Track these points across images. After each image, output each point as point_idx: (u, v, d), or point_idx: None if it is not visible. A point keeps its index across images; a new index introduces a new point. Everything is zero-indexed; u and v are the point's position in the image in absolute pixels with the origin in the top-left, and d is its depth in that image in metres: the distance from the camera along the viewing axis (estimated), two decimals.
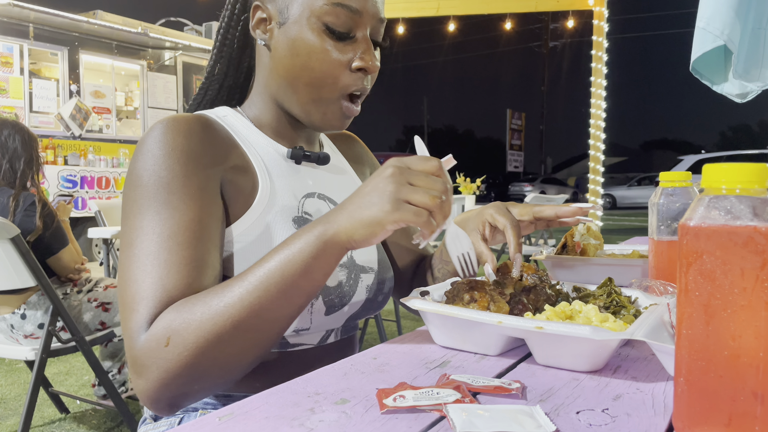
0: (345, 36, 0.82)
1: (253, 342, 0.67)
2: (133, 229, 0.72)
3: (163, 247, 0.70)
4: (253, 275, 0.67)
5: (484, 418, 0.49)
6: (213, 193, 0.77)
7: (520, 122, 28.76)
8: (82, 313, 2.28)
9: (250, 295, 0.65)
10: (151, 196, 0.72)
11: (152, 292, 0.67)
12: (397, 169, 0.65)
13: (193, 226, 0.72)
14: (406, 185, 0.64)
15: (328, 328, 0.86)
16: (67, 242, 2.29)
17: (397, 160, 0.66)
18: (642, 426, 0.50)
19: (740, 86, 1.63)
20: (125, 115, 7.73)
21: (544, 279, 0.81)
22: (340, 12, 0.80)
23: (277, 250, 0.68)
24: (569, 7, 7.64)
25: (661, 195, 0.98)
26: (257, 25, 0.86)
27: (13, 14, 6.21)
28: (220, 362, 0.66)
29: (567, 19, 10.35)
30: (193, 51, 8.07)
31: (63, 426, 2.42)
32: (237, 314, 0.65)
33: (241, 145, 0.85)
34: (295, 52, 0.82)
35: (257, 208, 0.81)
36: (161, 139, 0.75)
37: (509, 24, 10.24)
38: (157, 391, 0.65)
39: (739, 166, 0.43)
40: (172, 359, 0.64)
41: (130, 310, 0.68)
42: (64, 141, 6.66)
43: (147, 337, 0.66)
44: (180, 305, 0.66)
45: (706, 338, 0.43)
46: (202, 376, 0.66)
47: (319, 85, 0.83)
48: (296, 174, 0.89)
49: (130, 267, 0.70)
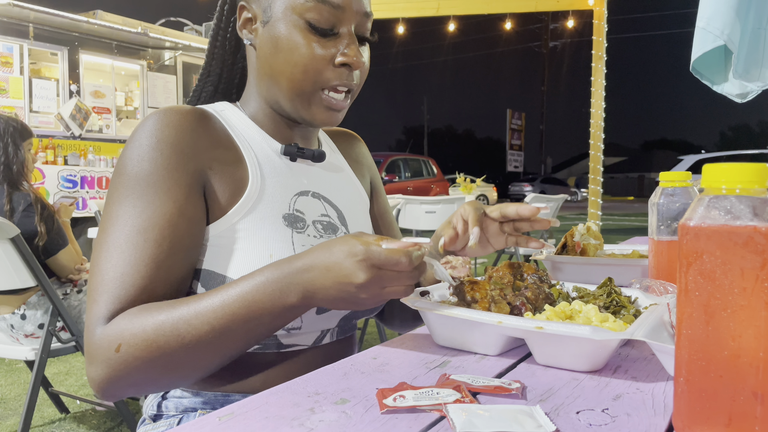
0: (327, 32, 0.82)
1: (201, 363, 0.71)
2: (109, 216, 0.75)
3: (131, 242, 0.72)
4: (212, 301, 0.70)
5: (484, 418, 0.49)
6: (193, 191, 0.78)
7: (520, 122, 28.77)
8: (82, 313, 2.28)
9: (208, 320, 0.69)
10: (131, 186, 0.75)
11: (113, 287, 0.71)
12: (370, 280, 0.65)
13: (163, 224, 0.74)
14: (380, 293, 0.67)
15: (322, 328, 0.86)
16: (66, 243, 2.29)
17: (368, 259, 0.65)
18: (642, 426, 0.50)
19: (740, 86, 1.63)
20: (125, 115, 7.72)
21: (544, 279, 0.81)
22: (321, 8, 0.80)
23: (242, 289, 0.70)
24: (569, 7, 7.64)
25: (661, 195, 0.98)
26: (243, 25, 0.87)
27: (13, 14, 6.20)
28: (168, 375, 0.71)
29: (567, 19, 10.35)
30: (193, 51, 8.06)
31: (63, 426, 2.42)
32: (188, 339, 0.69)
33: (236, 139, 0.85)
34: (278, 49, 0.82)
35: (246, 203, 0.81)
36: (150, 129, 0.77)
37: (509, 24, 10.24)
38: (105, 383, 0.70)
39: (739, 166, 0.43)
40: (120, 363, 0.69)
41: (92, 300, 0.72)
42: (64, 141, 6.66)
43: (101, 334, 0.70)
44: (134, 315, 0.70)
45: (706, 338, 0.43)
46: (149, 381, 0.71)
47: (301, 79, 0.82)
48: (289, 171, 0.88)
49: (100, 255, 0.73)
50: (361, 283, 0.65)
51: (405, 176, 14.16)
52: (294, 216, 0.84)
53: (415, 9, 7.78)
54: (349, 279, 0.65)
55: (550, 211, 5.14)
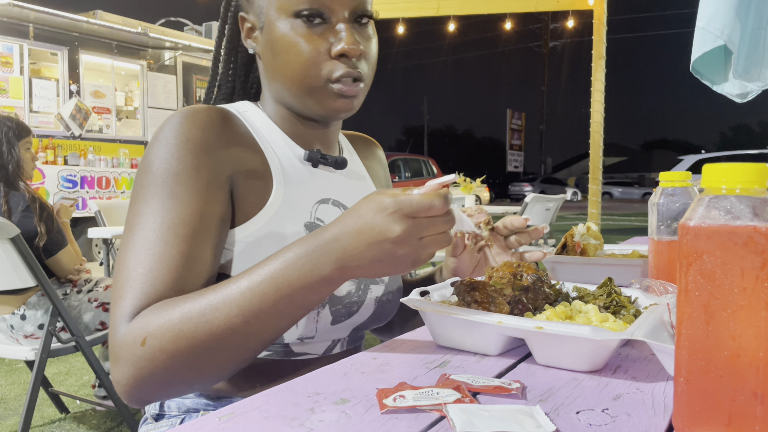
0: (317, 21, 0.79)
1: (230, 355, 0.67)
2: (136, 214, 0.72)
3: (160, 238, 0.70)
4: (239, 284, 0.65)
5: (484, 418, 0.49)
6: (221, 190, 0.76)
7: (520, 122, 28.76)
8: (82, 313, 2.28)
9: (237, 304, 0.65)
10: (158, 184, 0.73)
11: (140, 284, 0.68)
12: (405, 231, 0.61)
13: (193, 221, 0.72)
14: (417, 245, 0.62)
15: (334, 338, 0.85)
16: (66, 243, 2.29)
17: (400, 209, 0.61)
18: (642, 426, 0.50)
19: (740, 86, 1.63)
20: (125, 115, 7.73)
21: (544, 279, 0.81)
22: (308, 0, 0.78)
23: (271, 268, 0.66)
24: (569, 7, 7.63)
25: (661, 195, 0.98)
26: (247, 35, 0.87)
27: (13, 14, 6.20)
28: (196, 369, 0.66)
29: (567, 19, 10.34)
30: (193, 51, 8.06)
31: (63, 426, 2.42)
32: (216, 325, 0.65)
33: (260, 144, 0.84)
34: (276, 52, 0.81)
35: (269, 210, 0.80)
36: (177, 128, 0.75)
37: (509, 24, 10.23)
38: (129, 385, 0.67)
39: (739, 166, 0.43)
40: (146, 359, 0.65)
41: (118, 297, 0.69)
42: (64, 141, 6.66)
43: (126, 330, 0.67)
44: (160, 307, 0.66)
45: (706, 338, 0.43)
46: (176, 379, 0.67)
47: (303, 77, 0.81)
48: (311, 178, 0.87)
49: (127, 252, 0.70)
50: (397, 237, 0.60)
51: (405, 176, 14.17)
52: (315, 225, 0.83)
53: (415, 9, 7.77)
54: (383, 235, 0.61)
55: (551, 211, 5.14)
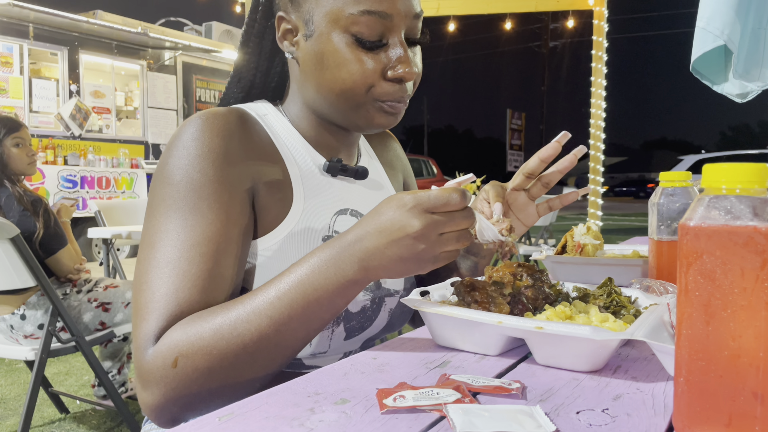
0: (376, 45, 0.76)
1: (262, 366, 0.66)
2: (157, 230, 0.70)
3: (183, 257, 0.68)
4: (267, 294, 0.65)
5: (484, 418, 0.49)
6: (244, 202, 0.74)
7: (520, 122, 28.76)
8: (82, 313, 2.28)
9: (267, 314, 0.64)
10: (180, 198, 0.70)
11: (164, 304, 0.66)
12: (425, 226, 0.61)
13: (217, 238, 0.70)
14: (437, 241, 0.63)
15: (345, 351, 0.85)
16: (66, 243, 2.29)
17: (419, 205, 0.62)
18: (642, 426, 0.50)
19: (740, 86, 1.63)
20: (125, 115, 7.73)
21: (544, 279, 0.81)
22: (368, 20, 0.74)
23: (297, 275, 0.65)
24: (569, 7, 7.63)
25: (661, 195, 0.98)
26: (284, 36, 0.82)
27: (13, 14, 6.20)
28: (229, 384, 0.65)
29: (567, 19, 10.34)
30: (193, 51, 8.06)
31: (63, 426, 2.42)
32: (248, 338, 0.64)
33: (280, 152, 0.82)
34: (324, 65, 0.77)
35: (288, 224, 0.78)
36: (198, 137, 0.72)
37: (509, 24, 10.23)
38: (161, 407, 0.65)
39: (739, 166, 0.43)
40: (179, 380, 0.64)
41: (141, 318, 0.67)
42: (64, 141, 6.66)
43: (154, 353, 0.65)
44: (187, 324, 0.65)
45: (706, 338, 0.43)
46: (209, 396, 0.65)
47: (352, 94, 0.78)
48: (330, 188, 0.85)
49: (148, 270, 0.68)
50: (416, 232, 0.61)
51: None
52: None
53: None
54: (404, 231, 0.61)
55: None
